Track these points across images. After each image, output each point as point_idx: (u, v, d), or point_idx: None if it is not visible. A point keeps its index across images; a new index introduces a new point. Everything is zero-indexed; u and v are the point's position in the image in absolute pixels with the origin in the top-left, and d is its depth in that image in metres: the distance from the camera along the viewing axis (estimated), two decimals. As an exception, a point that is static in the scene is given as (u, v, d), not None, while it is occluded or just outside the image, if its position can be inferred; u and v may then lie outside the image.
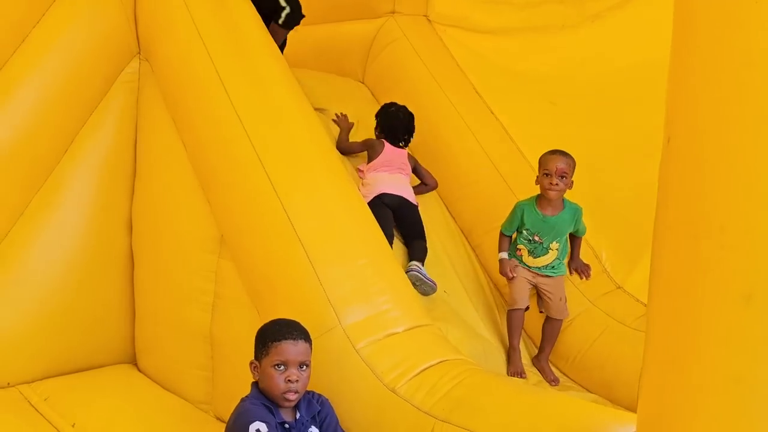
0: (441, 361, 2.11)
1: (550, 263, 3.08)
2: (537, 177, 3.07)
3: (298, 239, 2.36)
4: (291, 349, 1.88)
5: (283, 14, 3.29)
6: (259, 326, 2.44)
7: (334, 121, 3.54)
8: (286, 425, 1.89)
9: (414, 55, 3.83)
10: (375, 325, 2.19)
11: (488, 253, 3.36)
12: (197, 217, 2.75)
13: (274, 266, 2.37)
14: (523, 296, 3.06)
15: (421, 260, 3.09)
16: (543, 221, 3.06)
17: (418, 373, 2.06)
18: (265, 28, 3.08)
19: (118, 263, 3.03)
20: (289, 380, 1.87)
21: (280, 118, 2.77)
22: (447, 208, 3.51)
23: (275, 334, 1.92)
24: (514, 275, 3.06)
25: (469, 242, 3.48)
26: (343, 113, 3.55)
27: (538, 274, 3.09)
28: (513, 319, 3.06)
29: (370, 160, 3.33)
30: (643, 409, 1.57)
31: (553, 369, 3.07)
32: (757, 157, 1.37)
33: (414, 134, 3.42)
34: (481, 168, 3.49)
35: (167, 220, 2.89)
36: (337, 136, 3.45)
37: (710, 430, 1.39)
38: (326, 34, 4.23)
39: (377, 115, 3.45)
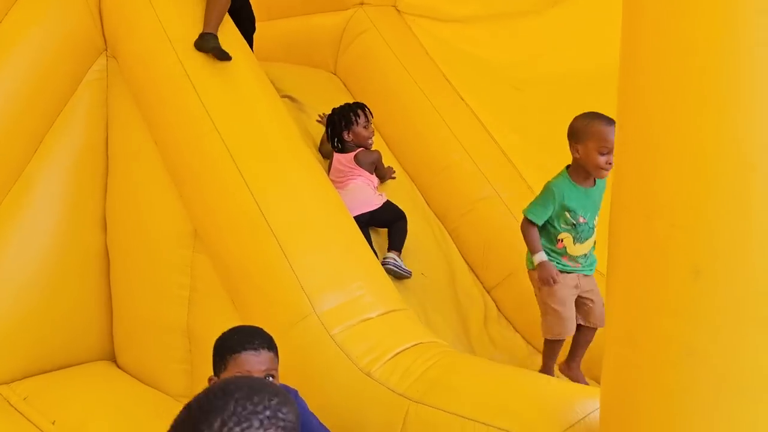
0: (415, 344, 2.16)
1: (591, 249, 2.62)
2: (578, 149, 2.60)
3: (270, 230, 2.39)
4: (252, 359, 1.62)
5: None
6: (235, 319, 2.46)
7: (318, 122, 3.51)
8: None
9: (384, 45, 3.85)
10: (349, 311, 2.23)
11: (464, 237, 3.41)
12: (171, 212, 2.77)
13: (248, 258, 2.40)
14: (572, 317, 2.49)
15: (398, 248, 3.08)
16: (586, 195, 2.56)
17: (393, 357, 2.10)
18: (232, 21, 3.08)
19: (93, 261, 3.04)
20: None
21: (249, 111, 2.80)
22: (421, 194, 3.55)
23: (233, 344, 1.66)
24: (557, 281, 2.50)
25: (444, 226, 3.52)
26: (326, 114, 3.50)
27: (579, 276, 2.60)
28: (555, 348, 2.57)
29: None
30: (605, 383, 1.64)
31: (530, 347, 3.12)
32: (702, 140, 1.43)
33: (349, 133, 3.27)
34: (452, 153, 3.53)
35: (141, 216, 2.91)
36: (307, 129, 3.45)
37: (665, 401, 1.45)
38: (296, 27, 4.24)
39: None
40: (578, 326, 2.58)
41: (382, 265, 2.85)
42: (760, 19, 1.34)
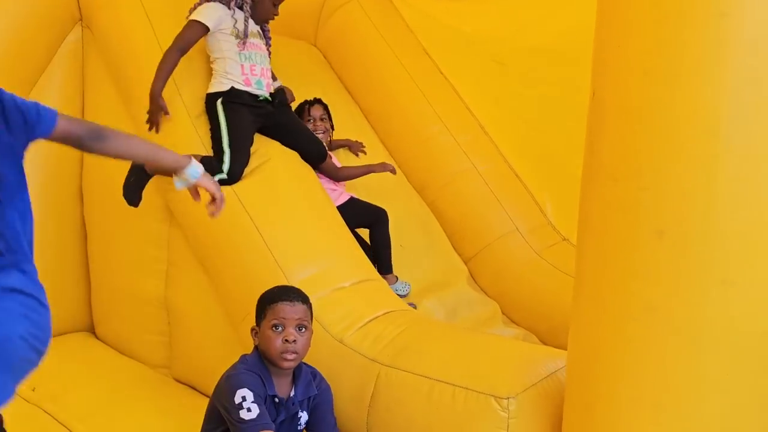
0: (386, 312, 2.19)
1: None
2: None
3: (241, 204, 2.39)
4: (288, 309, 1.86)
5: None
6: (212, 291, 2.48)
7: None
8: (277, 399, 1.86)
9: (365, 17, 3.82)
10: (322, 281, 2.25)
11: (443, 209, 3.43)
12: (147, 185, 2.76)
13: (220, 232, 2.39)
14: None
15: (389, 269, 2.93)
16: None
17: (365, 324, 2.13)
18: None
19: (71, 233, 3.03)
20: (286, 340, 1.82)
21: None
22: (399, 167, 3.56)
23: (272, 296, 1.92)
24: None
25: (423, 199, 3.54)
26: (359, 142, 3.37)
27: None
28: None
29: None
30: (573, 340, 1.68)
31: (505, 317, 3.17)
32: (670, 107, 1.47)
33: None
34: (431, 127, 3.54)
35: (117, 188, 2.86)
36: None
37: (627, 354, 1.50)
38: (276, -2, 4.20)
39: None
40: None
41: None
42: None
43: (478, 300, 3.17)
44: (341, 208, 2.75)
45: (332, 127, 3.23)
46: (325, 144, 2.99)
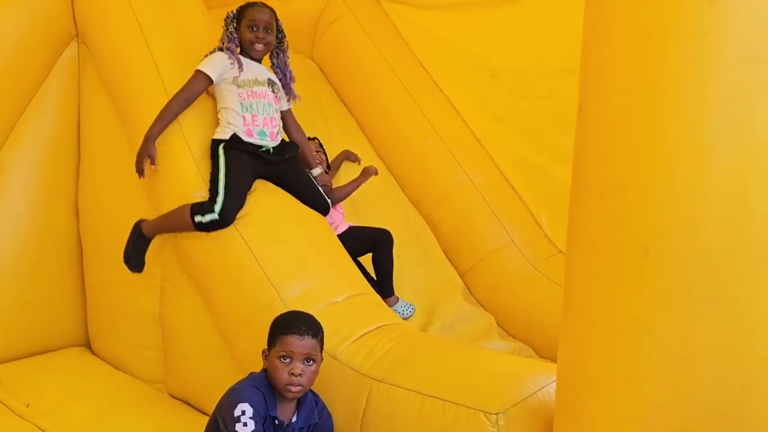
0: (379, 327, 2.19)
1: None
2: None
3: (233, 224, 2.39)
4: (296, 342, 1.86)
5: None
6: (205, 309, 2.48)
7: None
8: (277, 422, 1.86)
9: (360, 30, 3.86)
10: (315, 296, 2.25)
11: (438, 222, 3.46)
12: (141, 201, 2.76)
13: (211, 251, 2.40)
14: None
15: (391, 291, 2.93)
16: None
17: (358, 339, 2.13)
18: (204, 7, 3.07)
19: (67, 247, 3.04)
20: (292, 373, 1.84)
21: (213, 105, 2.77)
22: (395, 179, 3.57)
23: (284, 327, 1.91)
24: None
25: (419, 211, 3.55)
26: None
27: None
28: None
29: None
30: (562, 357, 1.68)
31: (501, 330, 3.17)
32: (657, 124, 1.47)
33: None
34: (427, 140, 3.56)
35: (112, 204, 2.90)
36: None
37: (617, 371, 1.50)
38: (273, 12, 4.23)
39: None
40: None
41: None
42: (707, 6, 1.37)
43: (474, 313, 3.17)
44: (342, 239, 2.69)
45: (327, 160, 3.22)
46: (322, 171, 2.99)
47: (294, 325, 1.90)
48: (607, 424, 1.53)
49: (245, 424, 1.77)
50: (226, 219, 2.36)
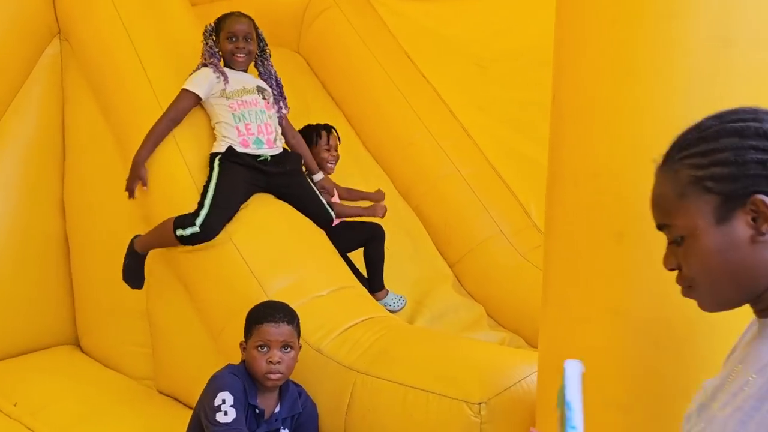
0: (364, 320, 2.19)
1: None
2: None
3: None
4: (272, 330, 1.88)
5: None
6: (191, 304, 2.48)
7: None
8: (257, 411, 1.87)
9: (346, 22, 3.83)
10: (300, 290, 2.25)
11: (427, 213, 3.44)
12: (127, 198, 2.75)
13: (197, 247, 2.39)
14: None
15: (381, 285, 2.88)
16: None
17: (342, 332, 2.13)
18: (187, 2, 3.05)
19: (53, 246, 3.03)
20: (270, 361, 1.85)
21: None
22: (385, 172, 3.56)
23: (258, 316, 1.93)
24: None
25: (408, 203, 3.54)
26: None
27: None
28: None
29: None
30: (542, 346, 1.68)
31: (491, 320, 3.16)
32: (622, 107, 1.46)
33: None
34: (414, 131, 3.54)
35: (98, 201, 2.90)
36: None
37: (594, 359, 1.47)
38: (258, 6, 4.16)
39: None
40: None
41: None
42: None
43: (464, 304, 3.16)
44: (334, 232, 2.66)
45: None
46: (325, 176, 2.92)
47: (268, 313, 1.92)
48: (587, 411, 1.52)
49: (225, 413, 1.77)
50: (208, 233, 2.31)
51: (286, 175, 2.56)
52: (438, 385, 1.79)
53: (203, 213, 2.33)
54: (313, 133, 3.04)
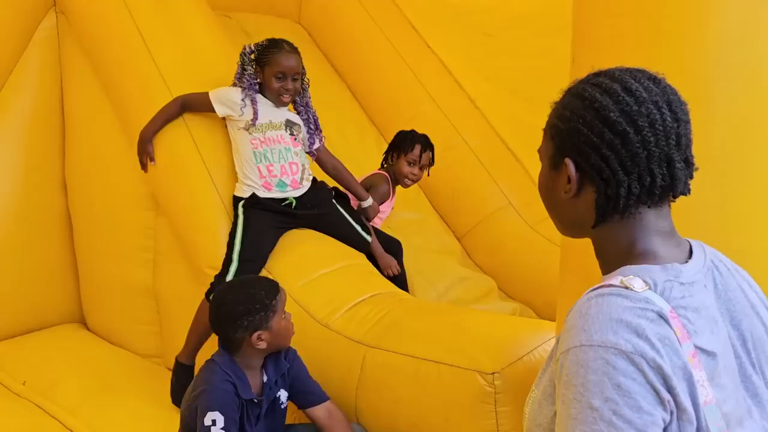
0: (372, 295, 2.15)
1: None
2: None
3: (219, 197, 2.35)
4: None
5: None
6: (197, 281, 2.42)
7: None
8: (256, 400, 1.81)
9: (348, -10, 3.75)
10: (307, 266, 2.21)
11: (434, 186, 3.35)
12: (130, 175, 2.70)
13: (202, 224, 2.36)
14: None
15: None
16: None
17: (350, 308, 2.10)
18: None
19: (56, 223, 2.99)
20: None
21: (204, 72, 2.68)
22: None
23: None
24: None
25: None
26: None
27: None
28: None
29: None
30: (560, 315, 1.63)
31: (501, 292, 3.13)
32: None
33: (392, 157, 2.94)
34: (421, 103, 3.48)
35: (100, 179, 2.85)
36: None
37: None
38: (258, -24, 4.11)
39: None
40: None
41: None
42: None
43: (472, 276, 3.13)
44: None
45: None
46: (373, 202, 2.75)
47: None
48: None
49: None
50: None
51: (311, 212, 2.42)
52: (450, 357, 1.76)
53: (232, 269, 2.22)
54: (407, 141, 2.89)
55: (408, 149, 2.89)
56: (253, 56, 2.45)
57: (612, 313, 0.88)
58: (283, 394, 1.89)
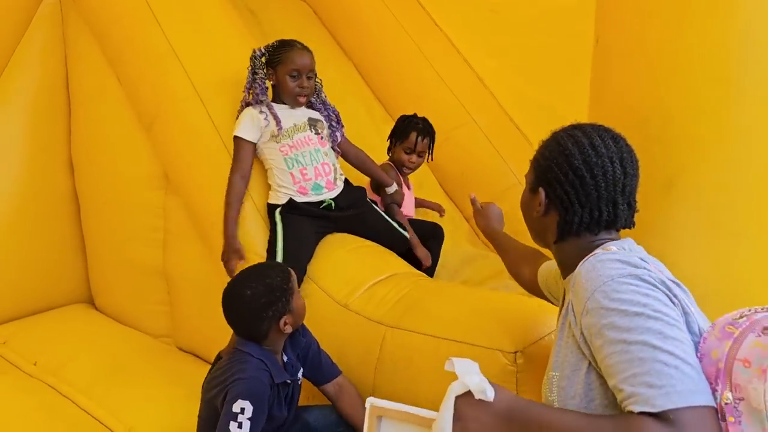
0: (390, 276, 2.15)
1: None
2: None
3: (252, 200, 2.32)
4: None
5: None
6: (209, 259, 2.40)
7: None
8: (289, 381, 1.79)
9: (353, -32, 3.69)
10: (322, 246, 2.20)
11: (442, 166, 3.35)
12: (139, 154, 2.68)
13: (216, 201, 2.34)
14: None
15: None
16: None
17: (369, 288, 2.09)
18: None
19: (63, 204, 2.97)
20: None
21: (216, 47, 2.65)
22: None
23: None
24: None
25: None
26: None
27: None
28: None
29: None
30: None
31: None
32: (675, 51, 1.40)
33: (393, 145, 2.91)
34: (428, 82, 3.45)
35: (109, 158, 2.82)
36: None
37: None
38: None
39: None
40: None
41: None
42: None
43: (482, 256, 3.13)
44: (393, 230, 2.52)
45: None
46: (397, 189, 2.72)
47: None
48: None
49: (240, 425, 1.64)
50: None
51: (351, 216, 2.37)
52: (470, 336, 1.76)
53: None
54: (405, 127, 2.85)
55: (404, 137, 2.86)
56: (264, 59, 2.38)
57: (609, 261, 1.13)
58: (300, 371, 1.91)
